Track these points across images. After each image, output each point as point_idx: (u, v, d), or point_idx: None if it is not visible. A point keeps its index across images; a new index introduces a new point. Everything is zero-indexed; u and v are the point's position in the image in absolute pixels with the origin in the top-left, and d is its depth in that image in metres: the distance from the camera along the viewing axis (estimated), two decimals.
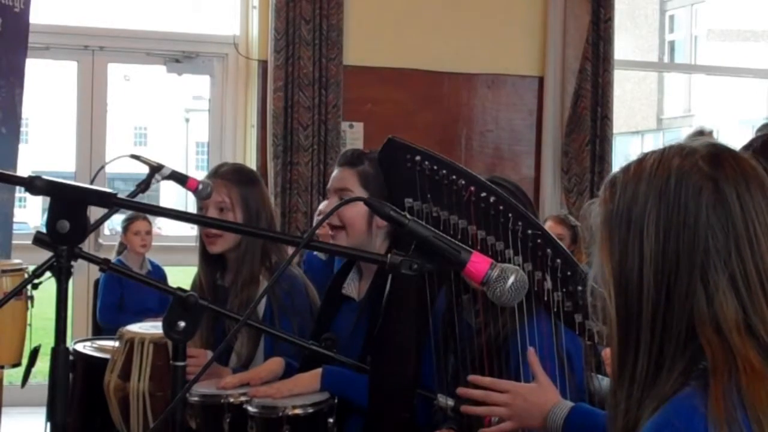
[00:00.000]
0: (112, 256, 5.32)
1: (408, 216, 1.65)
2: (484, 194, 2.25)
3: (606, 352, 2.82)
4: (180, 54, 6.13)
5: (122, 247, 5.53)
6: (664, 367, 1.25)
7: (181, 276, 3.98)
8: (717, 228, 1.25)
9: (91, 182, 2.65)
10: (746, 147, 2.16)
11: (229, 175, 2.96)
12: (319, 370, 2.46)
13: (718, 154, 1.29)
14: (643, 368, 1.26)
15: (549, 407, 1.95)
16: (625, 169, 1.34)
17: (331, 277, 2.81)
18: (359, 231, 2.58)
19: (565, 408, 1.94)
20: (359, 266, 2.69)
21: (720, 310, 1.23)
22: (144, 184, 2.84)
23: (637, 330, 1.27)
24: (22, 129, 5.29)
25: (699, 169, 1.27)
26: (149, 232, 5.54)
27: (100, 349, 2.87)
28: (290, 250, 3.07)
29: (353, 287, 2.67)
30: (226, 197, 2.90)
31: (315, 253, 4.28)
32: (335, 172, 2.67)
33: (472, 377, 2.06)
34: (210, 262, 2.96)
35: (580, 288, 2.14)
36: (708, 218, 1.25)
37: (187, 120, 26.87)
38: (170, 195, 19.33)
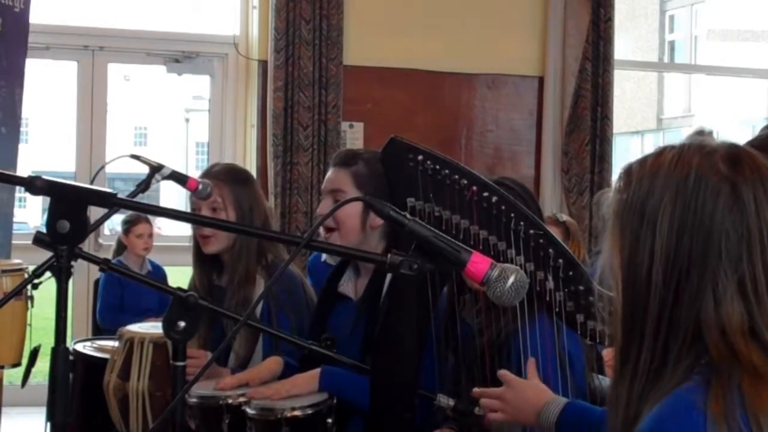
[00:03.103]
0: (110, 257, 5.29)
1: (408, 216, 1.64)
2: (486, 194, 2.24)
3: (606, 352, 2.82)
4: (180, 54, 6.12)
5: (120, 248, 5.50)
6: (668, 364, 1.25)
7: (181, 276, 3.97)
8: (731, 231, 1.25)
9: (91, 182, 2.65)
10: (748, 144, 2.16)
11: (221, 174, 2.96)
12: (318, 371, 2.46)
13: (738, 154, 1.30)
14: (646, 363, 1.26)
15: (542, 404, 1.96)
16: (642, 161, 1.33)
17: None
18: (352, 231, 2.56)
19: (559, 404, 1.95)
20: (356, 265, 2.67)
21: (726, 315, 1.23)
22: (144, 184, 2.83)
23: (641, 324, 1.27)
24: (22, 129, 5.28)
25: (718, 170, 1.27)
26: (151, 235, 5.51)
27: (100, 349, 2.87)
28: (286, 248, 3.06)
29: (350, 286, 2.66)
30: (218, 197, 2.89)
31: (323, 259, 4.26)
32: (329, 173, 2.65)
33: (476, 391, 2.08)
34: (205, 262, 2.96)
35: (581, 288, 2.14)
36: (723, 220, 1.25)
37: (187, 120, 26.83)
38: (170, 195, 19.31)
